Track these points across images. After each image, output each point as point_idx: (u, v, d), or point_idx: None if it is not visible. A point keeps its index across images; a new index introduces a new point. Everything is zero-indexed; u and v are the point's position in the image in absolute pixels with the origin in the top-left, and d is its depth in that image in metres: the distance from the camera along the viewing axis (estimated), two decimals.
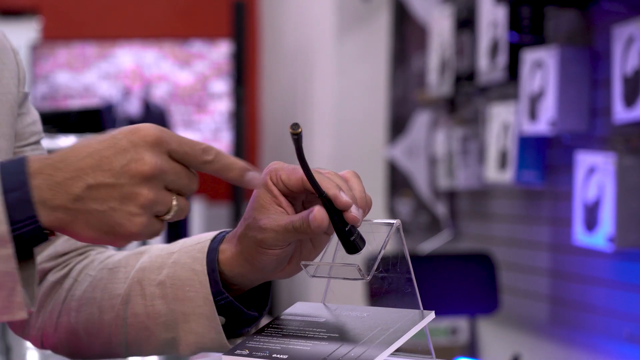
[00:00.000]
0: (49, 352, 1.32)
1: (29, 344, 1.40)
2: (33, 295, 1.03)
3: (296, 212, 1.15)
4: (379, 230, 1.09)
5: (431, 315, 1.04)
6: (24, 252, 1.02)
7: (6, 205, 0.99)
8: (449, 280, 3.40)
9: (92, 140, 1.01)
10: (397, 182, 4.56)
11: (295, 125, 1.05)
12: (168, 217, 1.02)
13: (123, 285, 1.25)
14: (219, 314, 1.19)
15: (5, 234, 0.99)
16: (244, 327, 1.22)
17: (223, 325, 1.20)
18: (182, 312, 1.20)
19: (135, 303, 1.23)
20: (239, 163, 1.05)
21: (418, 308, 1.06)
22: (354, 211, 1.08)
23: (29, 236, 1.00)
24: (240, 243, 1.17)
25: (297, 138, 1.05)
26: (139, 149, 1.00)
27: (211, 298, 1.18)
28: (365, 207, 1.11)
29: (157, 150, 1.00)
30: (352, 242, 1.07)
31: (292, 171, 1.14)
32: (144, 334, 1.23)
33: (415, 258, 3.47)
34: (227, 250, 1.19)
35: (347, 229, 1.07)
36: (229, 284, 1.20)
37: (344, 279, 1.10)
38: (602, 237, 2.76)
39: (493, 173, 3.45)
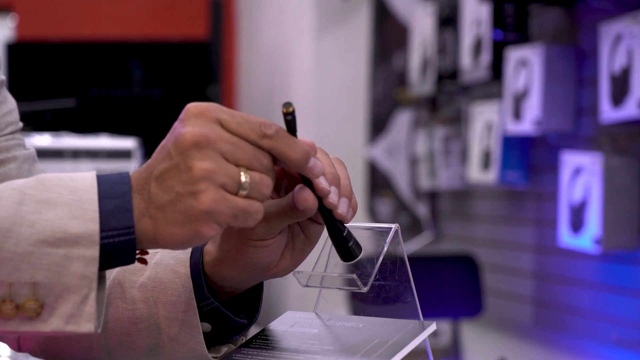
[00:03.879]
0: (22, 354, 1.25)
1: None
2: (101, 317, 0.96)
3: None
4: (376, 236, 1.02)
5: (432, 326, 0.97)
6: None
7: (103, 211, 0.93)
8: (431, 282, 3.34)
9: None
10: (377, 182, 4.51)
11: (287, 104, 0.96)
12: (244, 192, 0.93)
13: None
14: (205, 320, 1.11)
15: (95, 234, 0.93)
16: (232, 335, 1.13)
17: (209, 333, 1.11)
18: (165, 317, 1.11)
19: (116, 306, 1.14)
20: (303, 143, 0.97)
21: (418, 318, 0.99)
22: (332, 198, 1.00)
23: (120, 248, 0.94)
24: (225, 241, 1.08)
25: (292, 119, 0.97)
26: (184, 122, 0.94)
27: (194, 303, 1.09)
28: (350, 195, 1.03)
29: (202, 120, 0.95)
30: (349, 249, 0.99)
31: None
32: (125, 339, 1.14)
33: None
34: (212, 251, 1.10)
35: (344, 234, 0.99)
36: (217, 287, 1.11)
37: (340, 289, 1.03)
38: (588, 238, 2.72)
39: (476, 173, 3.41)
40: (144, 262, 1.01)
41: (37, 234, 0.93)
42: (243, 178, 0.93)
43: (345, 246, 0.99)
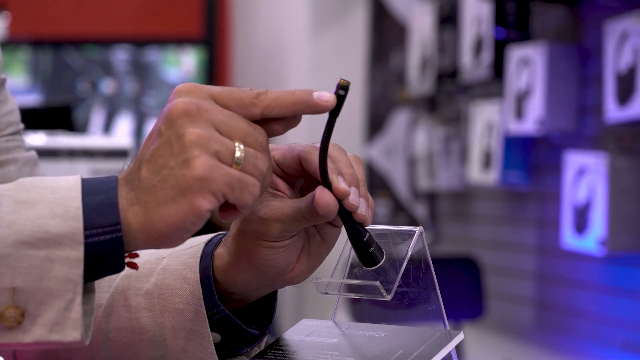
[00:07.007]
0: None
1: None
2: (90, 327, 0.89)
3: (295, 197, 1.02)
4: (398, 239, 0.97)
5: (460, 335, 0.92)
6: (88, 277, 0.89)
7: (86, 208, 0.87)
8: None
9: None
10: (375, 182, 4.46)
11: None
12: (238, 166, 0.88)
13: (105, 294, 1.09)
14: (214, 329, 1.04)
15: (79, 233, 0.86)
16: (243, 347, 1.07)
17: (219, 344, 1.04)
18: (171, 327, 1.04)
19: (118, 315, 1.08)
20: (298, 89, 0.93)
21: (443, 326, 0.94)
22: (352, 199, 0.94)
23: (106, 249, 0.87)
24: (237, 242, 1.01)
25: (344, 95, 0.93)
26: (173, 99, 0.90)
27: (204, 311, 1.02)
28: (367, 196, 0.98)
29: (192, 95, 0.90)
30: (370, 254, 0.94)
31: (287, 150, 1.01)
32: (128, 350, 1.07)
33: None
34: (224, 255, 1.03)
35: (365, 239, 0.94)
36: (228, 294, 1.04)
37: (361, 297, 0.97)
38: (592, 240, 2.68)
39: (476, 173, 3.36)
40: (134, 266, 0.94)
41: (16, 235, 0.86)
42: (238, 152, 0.88)
43: (367, 251, 0.94)
